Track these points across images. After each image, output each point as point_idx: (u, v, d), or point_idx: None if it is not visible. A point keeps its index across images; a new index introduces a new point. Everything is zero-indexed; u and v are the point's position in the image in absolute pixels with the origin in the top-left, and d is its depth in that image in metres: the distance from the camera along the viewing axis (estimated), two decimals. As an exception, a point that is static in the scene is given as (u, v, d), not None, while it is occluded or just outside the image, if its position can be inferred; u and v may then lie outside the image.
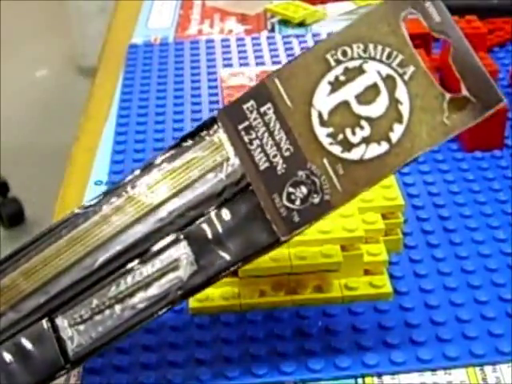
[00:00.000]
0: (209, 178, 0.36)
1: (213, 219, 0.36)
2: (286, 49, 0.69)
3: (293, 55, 0.67)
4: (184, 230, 0.36)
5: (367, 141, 0.34)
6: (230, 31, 0.74)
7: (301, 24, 0.74)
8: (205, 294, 0.42)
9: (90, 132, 0.59)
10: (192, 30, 0.75)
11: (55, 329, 0.35)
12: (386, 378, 0.38)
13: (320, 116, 0.35)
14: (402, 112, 0.34)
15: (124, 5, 0.82)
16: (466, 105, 0.34)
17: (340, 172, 0.34)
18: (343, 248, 0.42)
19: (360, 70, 0.35)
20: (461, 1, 0.68)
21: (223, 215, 0.36)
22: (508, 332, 0.40)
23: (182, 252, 0.36)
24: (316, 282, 0.42)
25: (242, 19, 0.76)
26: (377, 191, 0.44)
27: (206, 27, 0.75)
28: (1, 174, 1.46)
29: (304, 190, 0.34)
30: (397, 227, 0.44)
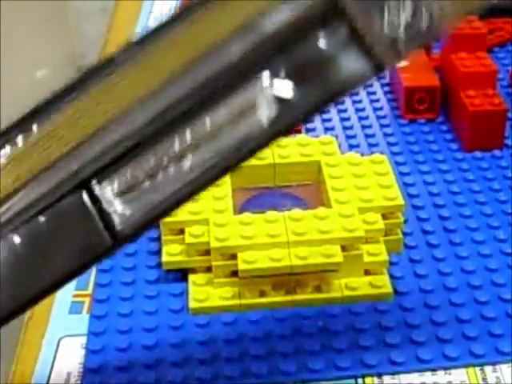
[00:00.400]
0: (286, 4, 0.28)
1: (296, 50, 0.28)
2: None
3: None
4: (261, 65, 0.28)
5: None
6: (230, 31, 0.74)
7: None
8: (205, 294, 0.42)
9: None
10: (192, 30, 0.74)
11: (95, 200, 0.28)
12: (386, 378, 0.38)
13: None
14: None
15: (124, 5, 0.82)
16: None
17: None
18: (343, 248, 0.42)
19: None
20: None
21: (308, 44, 0.28)
22: (508, 332, 0.40)
23: (260, 91, 0.28)
24: (316, 282, 0.42)
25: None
26: (377, 191, 0.44)
27: (206, 27, 0.75)
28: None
29: (408, 7, 0.27)
30: (397, 227, 0.44)
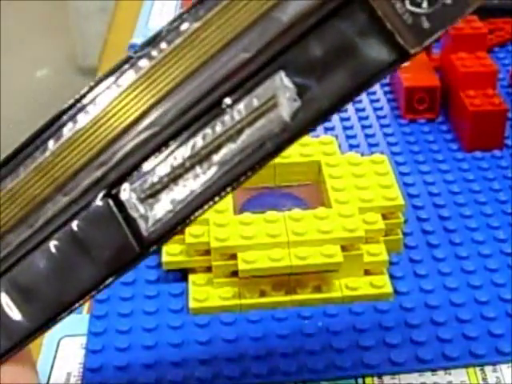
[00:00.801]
0: None
1: (315, 39, 0.27)
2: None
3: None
4: (280, 57, 0.27)
5: None
6: (230, 31, 0.74)
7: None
8: (205, 294, 0.42)
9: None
10: (192, 30, 0.74)
11: (121, 207, 0.28)
12: (386, 378, 0.38)
13: None
14: None
15: (124, 5, 0.82)
16: None
17: None
18: (343, 248, 0.42)
19: None
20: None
21: (327, 34, 0.27)
22: (508, 332, 0.40)
23: (280, 86, 0.27)
24: (316, 282, 0.42)
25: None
26: (377, 191, 0.44)
27: (206, 27, 0.75)
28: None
29: None
30: (397, 227, 0.44)
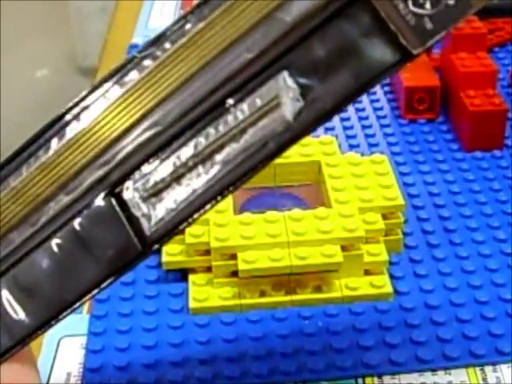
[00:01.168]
0: None
1: (318, 40, 0.27)
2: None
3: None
4: (283, 58, 0.27)
5: None
6: (230, 31, 0.74)
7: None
8: (205, 294, 0.42)
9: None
10: (192, 30, 0.74)
11: (123, 206, 0.28)
12: (386, 378, 0.38)
13: None
14: None
15: (124, 5, 0.82)
16: None
17: None
18: (343, 248, 0.42)
19: None
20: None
21: (330, 35, 0.27)
22: (508, 332, 0.40)
23: (283, 86, 0.27)
24: (316, 282, 0.42)
25: (242, 19, 0.76)
26: (377, 191, 0.44)
27: (206, 27, 0.75)
28: (1, 174, 1.46)
29: None
30: (397, 227, 0.44)
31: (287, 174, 0.47)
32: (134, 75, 0.28)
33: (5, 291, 0.28)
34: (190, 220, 0.28)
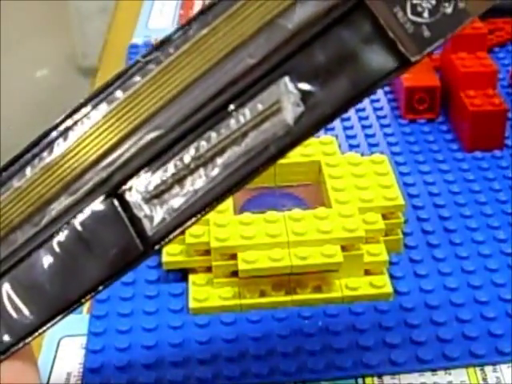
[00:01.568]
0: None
1: (319, 46, 0.28)
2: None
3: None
4: (284, 64, 0.28)
5: None
6: (230, 31, 0.74)
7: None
8: (205, 294, 0.42)
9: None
10: (192, 30, 0.74)
11: (126, 207, 0.28)
12: (386, 378, 0.38)
13: None
14: None
15: (124, 5, 0.82)
16: None
17: None
18: (343, 248, 0.42)
19: None
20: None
21: (331, 41, 0.28)
22: (508, 332, 0.40)
23: (284, 91, 0.28)
24: (316, 282, 0.42)
25: (242, 19, 0.76)
26: (377, 191, 0.44)
27: (206, 27, 0.75)
28: (1, 174, 1.46)
29: None
30: (397, 227, 0.44)
31: (287, 174, 0.47)
32: (138, 79, 0.28)
33: (7, 289, 0.28)
34: (192, 221, 0.28)
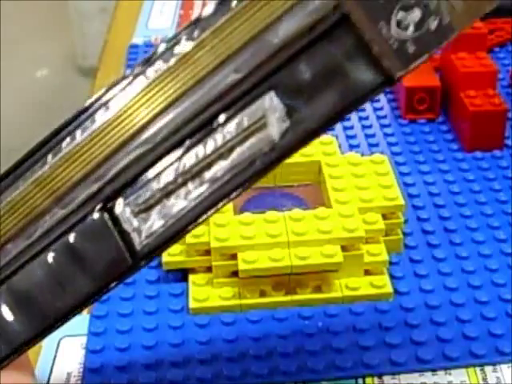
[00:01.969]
0: (294, 12, 0.28)
1: (304, 61, 0.28)
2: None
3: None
4: (270, 79, 0.28)
5: None
6: (230, 31, 0.74)
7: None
8: (205, 294, 0.42)
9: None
10: (192, 30, 0.74)
11: (115, 220, 0.29)
12: (387, 378, 0.38)
13: None
14: None
15: (124, 5, 0.82)
16: None
17: None
18: (343, 248, 0.42)
19: None
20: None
21: (316, 56, 0.28)
22: (508, 332, 0.40)
23: (269, 106, 0.28)
24: (316, 282, 0.42)
25: (242, 19, 0.76)
26: (377, 191, 0.44)
27: (206, 27, 0.75)
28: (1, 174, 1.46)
29: (417, 14, 0.28)
30: (397, 227, 0.44)
31: (287, 174, 0.47)
32: (127, 93, 0.29)
33: (1, 301, 0.29)
34: (180, 235, 0.28)
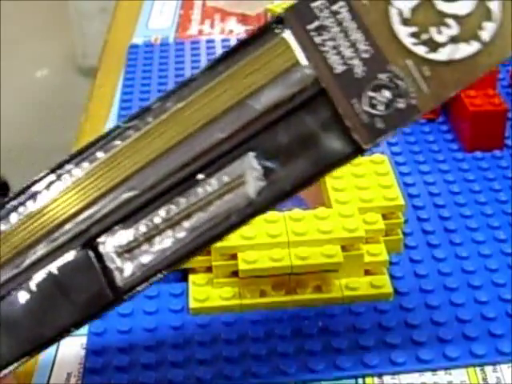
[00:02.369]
0: (277, 82, 0.31)
1: (283, 127, 0.31)
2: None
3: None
4: (250, 141, 0.31)
5: (455, 40, 0.31)
6: (231, 31, 0.74)
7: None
8: (205, 294, 0.42)
9: (90, 132, 0.59)
10: (192, 31, 0.75)
11: (100, 258, 0.31)
12: (387, 378, 0.38)
13: (400, 14, 0.31)
14: (493, 8, 0.31)
15: (124, 5, 0.82)
16: None
17: (426, 74, 0.31)
18: (344, 248, 0.42)
19: None
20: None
21: (294, 124, 0.31)
22: (508, 332, 0.40)
23: (248, 166, 0.31)
24: (316, 282, 0.42)
25: (243, 19, 0.76)
26: (377, 191, 0.44)
27: (207, 27, 0.75)
28: (1, 174, 1.46)
29: (387, 94, 0.31)
30: (397, 227, 0.44)
31: (287, 174, 0.47)
32: (118, 143, 0.32)
33: None
34: (158, 277, 0.31)
